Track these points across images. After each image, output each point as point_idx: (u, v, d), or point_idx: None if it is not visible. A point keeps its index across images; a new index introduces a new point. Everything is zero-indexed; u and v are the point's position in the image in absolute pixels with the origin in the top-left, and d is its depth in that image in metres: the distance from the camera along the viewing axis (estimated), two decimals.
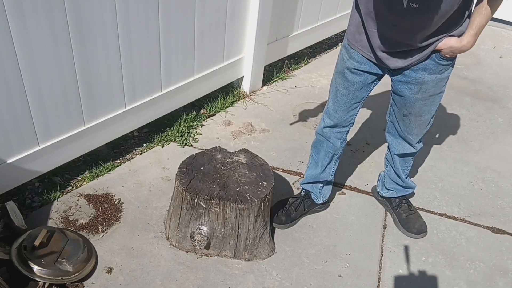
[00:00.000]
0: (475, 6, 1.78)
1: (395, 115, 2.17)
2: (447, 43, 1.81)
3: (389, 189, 2.52)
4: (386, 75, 2.06)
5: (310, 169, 2.43)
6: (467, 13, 1.80)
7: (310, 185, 2.46)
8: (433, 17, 1.69)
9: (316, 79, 3.78)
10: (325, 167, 2.36)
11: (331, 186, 2.50)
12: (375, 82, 2.09)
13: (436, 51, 1.85)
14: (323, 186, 2.45)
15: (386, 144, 2.38)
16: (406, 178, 2.44)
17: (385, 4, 1.71)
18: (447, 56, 1.86)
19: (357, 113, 2.19)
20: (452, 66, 1.95)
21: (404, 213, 2.49)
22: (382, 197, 2.57)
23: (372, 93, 2.11)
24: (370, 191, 2.70)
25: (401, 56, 1.88)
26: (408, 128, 2.16)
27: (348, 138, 3.10)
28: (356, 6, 1.90)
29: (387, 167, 2.47)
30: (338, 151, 2.31)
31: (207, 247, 2.19)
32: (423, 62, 1.88)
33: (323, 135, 2.28)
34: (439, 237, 2.47)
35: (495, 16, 1.81)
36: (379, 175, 2.60)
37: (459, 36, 1.82)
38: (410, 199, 2.59)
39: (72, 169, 2.63)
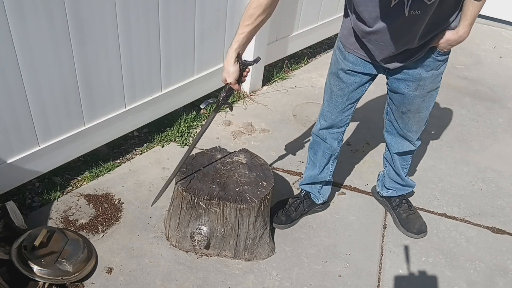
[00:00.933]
0: None
1: (393, 114, 2.17)
2: (443, 37, 1.84)
3: (389, 189, 2.51)
4: (380, 74, 2.07)
5: (308, 170, 2.43)
6: (460, 4, 1.81)
7: (309, 186, 2.46)
8: (434, 17, 1.70)
9: (316, 79, 3.78)
10: (323, 168, 2.36)
11: (330, 186, 2.50)
12: (370, 82, 2.10)
13: (433, 47, 1.87)
14: (322, 187, 2.45)
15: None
16: (405, 176, 2.44)
17: (386, 17, 1.71)
18: (445, 50, 1.89)
19: (352, 113, 2.19)
20: (447, 61, 1.98)
21: (404, 213, 2.49)
22: (382, 197, 2.57)
23: (371, 93, 2.11)
24: (370, 191, 2.70)
25: (401, 58, 1.89)
26: (407, 126, 2.16)
27: (348, 138, 3.12)
28: (345, 15, 1.92)
29: (386, 167, 2.47)
30: (335, 151, 2.31)
31: (207, 247, 2.19)
32: (421, 58, 1.90)
33: (319, 137, 2.28)
34: (439, 237, 2.47)
35: (494, 16, 1.82)
36: (379, 174, 2.60)
37: (453, 28, 1.84)
38: (410, 199, 2.59)
39: (72, 169, 2.63)
